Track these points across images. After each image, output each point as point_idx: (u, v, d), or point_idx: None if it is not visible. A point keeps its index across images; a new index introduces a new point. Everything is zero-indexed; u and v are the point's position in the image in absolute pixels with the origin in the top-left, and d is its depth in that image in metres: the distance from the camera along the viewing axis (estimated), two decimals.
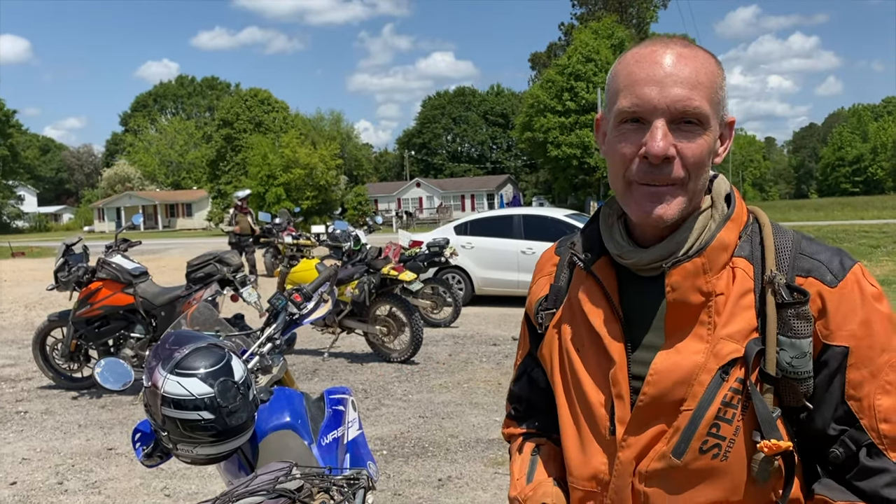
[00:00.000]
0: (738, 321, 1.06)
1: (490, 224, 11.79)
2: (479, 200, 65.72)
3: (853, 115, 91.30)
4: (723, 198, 1.13)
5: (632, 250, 1.13)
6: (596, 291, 1.16)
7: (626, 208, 1.11)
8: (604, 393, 1.14)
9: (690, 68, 1.04)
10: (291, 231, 14.62)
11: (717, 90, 1.07)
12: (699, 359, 1.06)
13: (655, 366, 1.08)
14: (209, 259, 6.25)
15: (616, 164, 1.10)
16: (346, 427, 2.41)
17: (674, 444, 1.06)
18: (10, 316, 11.61)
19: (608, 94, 1.13)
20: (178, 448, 1.88)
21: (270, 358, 2.35)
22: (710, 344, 1.06)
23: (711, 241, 1.08)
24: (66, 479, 4.54)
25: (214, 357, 1.88)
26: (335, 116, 69.06)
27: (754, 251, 1.10)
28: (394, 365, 7.44)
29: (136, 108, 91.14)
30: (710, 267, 1.07)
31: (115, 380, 2.30)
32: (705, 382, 1.04)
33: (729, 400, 1.04)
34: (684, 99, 1.03)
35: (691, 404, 1.05)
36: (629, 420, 1.10)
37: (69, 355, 6.63)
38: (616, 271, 1.17)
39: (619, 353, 1.12)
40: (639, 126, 1.06)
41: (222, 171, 60.10)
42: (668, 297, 1.08)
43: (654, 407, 1.08)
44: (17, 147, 71.60)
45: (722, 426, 1.04)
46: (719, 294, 1.07)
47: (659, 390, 1.07)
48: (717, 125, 1.07)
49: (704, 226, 1.10)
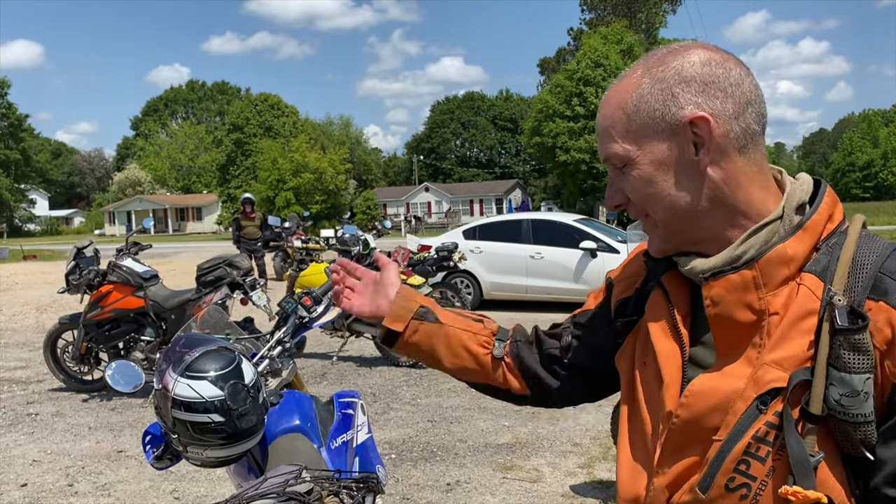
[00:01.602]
0: (791, 346, 0.92)
1: (499, 229, 11.78)
2: (488, 205, 65.70)
3: (864, 121, 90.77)
4: (794, 208, 0.98)
5: (685, 258, 1.03)
6: (661, 302, 1.08)
7: None
8: (656, 413, 1.06)
9: (602, 113, 1.04)
10: (301, 235, 14.65)
11: (630, 115, 0.99)
12: (739, 384, 0.94)
13: (692, 387, 0.98)
14: (219, 263, 6.27)
15: None
16: (356, 431, 2.41)
17: (700, 476, 0.96)
18: (22, 319, 11.68)
19: None
20: (188, 451, 1.88)
21: (280, 361, 2.36)
22: (755, 369, 0.94)
23: (768, 251, 0.94)
24: (76, 482, 4.56)
25: (225, 360, 1.89)
26: (344, 121, 69.39)
27: (831, 267, 0.94)
28: (402, 369, 7.44)
29: (147, 112, 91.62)
30: (764, 281, 0.94)
31: (126, 382, 2.31)
32: (739, 412, 0.93)
33: (763, 435, 0.91)
34: (602, 150, 1.04)
35: (723, 434, 0.94)
36: (662, 445, 1.01)
37: (80, 358, 6.66)
38: (689, 283, 1.05)
39: (671, 374, 1.02)
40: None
41: (232, 176, 60.30)
42: (707, 311, 0.97)
43: (687, 433, 0.98)
44: (29, 151, 72.04)
45: (752, 464, 0.92)
46: (774, 313, 0.94)
47: (692, 414, 0.97)
48: (649, 149, 0.98)
49: (767, 240, 0.96)
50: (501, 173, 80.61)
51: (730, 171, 0.97)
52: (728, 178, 0.97)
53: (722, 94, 0.96)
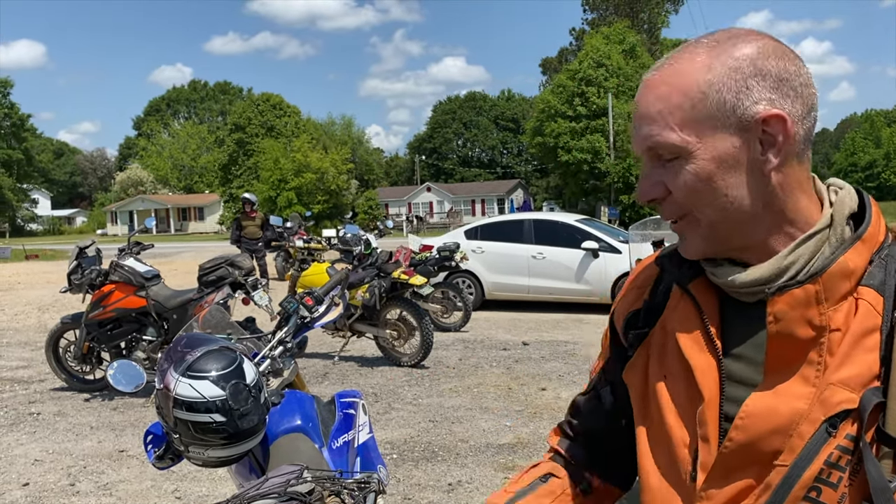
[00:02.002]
0: (856, 365, 0.87)
1: (501, 229, 11.79)
2: (490, 205, 65.75)
3: (866, 121, 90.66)
4: (845, 217, 0.93)
5: (725, 268, 0.96)
6: (691, 313, 1.00)
7: None
8: (689, 431, 0.98)
9: (653, 96, 0.93)
10: (302, 235, 14.67)
11: (696, 103, 0.90)
12: (802, 405, 0.88)
13: (747, 408, 0.91)
14: (221, 262, 6.27)
15: None
16: (357, 431, 2.41)
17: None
18: (24, 318, 11.70)
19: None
20: (190, 450, 1.88)
21: (282, 361, 2.36)
22: (817, 389, 0.88)
23: (831, 264, 0.89)
24: (77, 481, 4.56)
25: (226, 360, 1.88)
26: (346, 121, 69.48)
27: (888, 280, 0.90)
28: (404, 369, 7.44)
29: (150, 112, 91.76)
30: (826, 296, 0.89)
31: (128, 382, 2.31)
32: (806, 435, 0.87)
33: (835, 460, 0.86)
34: (649, 136, 0.93)
35: (787, 459, 0.88)
36: (710, 468, 0.94)
37: (82, 357, 6.66)
38: (717, 292, 1.00)
39: (710, 389, 0.96)
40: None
41: (234, 176, 60.36)
42: (769, 328, 0.91)
43: (742, 456, 0.92)
44: (31, 151, 72.16)
45: (824, 490, 0.86)
46: (835, 330, 0.88)
47: (749, 437, 0.91)
48: (711, 143, 0.90)
49: (816, 250, 0.91)
50: (503, 173, 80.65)
51: (789, 176, 0.92)
52: (786, 183, 0.92)
53: (794, 93, 0.90)
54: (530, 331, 9.69)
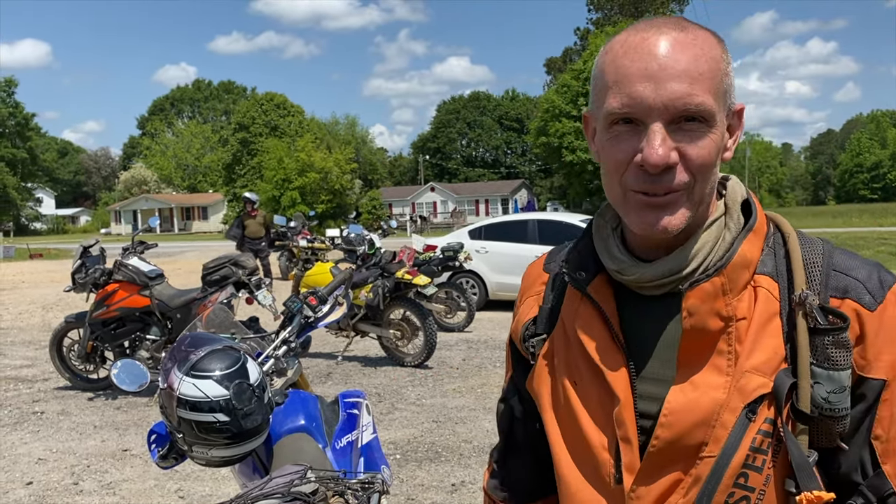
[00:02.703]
0: (765, 350, 0.90)
1: (505, 229, 11.78)
2: (494, 205, 65.72)
3: (872, 121, 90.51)
4: (738, 205, 0.97)
5: (632, 265, 0.97)
6: (593, 316, 1.01)
7: (626, 219, 0.96)
8: (606, 434, 0.98)
9: (689, 56, 0.87)
10: (306, 235, 14.67)
11: (721, 77, 0.89)
12: (720, 395, 0.90)
13: (670, 404, 0.92)
14: (225, 262, 6.28)
15: (610, 170, 0.94)
16: (361, 431, 2.41)
17: (694, 496, 0.91)
18: (28, 317, 11.72)
19: (594, 90, 0.96)
20: (194, 450, 1.88)
21: (285, 361, 2.35)
22: (731, 378, 0.91)
23: (732, 256, 0.92)
24: (81, 480, 4.57)
25: (230, 359, 1.88)
26: (350, 121, 69.52)
27: (779, 266, 0.94)
28: (407, 369, 7.44)
29: (154, 111, 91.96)
30: (730, 287, 0.92)
31: (132, 381, 2.31)
32: (729, 424, 0.89)
33: (758, 444, 0.89)
34: (684, 96, 0.86)
35: (714, 449, 0.90)
36: (639, 468, 0.94)
37: (85, 357, 6.67)
38: (614, 291, 1.01)
39: (623, 389, 0.96)
40: (633, 128, 0.90)
41: (238, 175, 60.49)
42: (684, 323, 0.92)
43: (669, 453, 0.93)
44: (35, 150, 72.41)
45: (751, 475, 0.89)
46: (741, 319, 0.92)
47: (675, 433, 0.92)
48: (723, 118, 0.91)
49: (718, 237, 0.94)
50: (507, 173, 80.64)
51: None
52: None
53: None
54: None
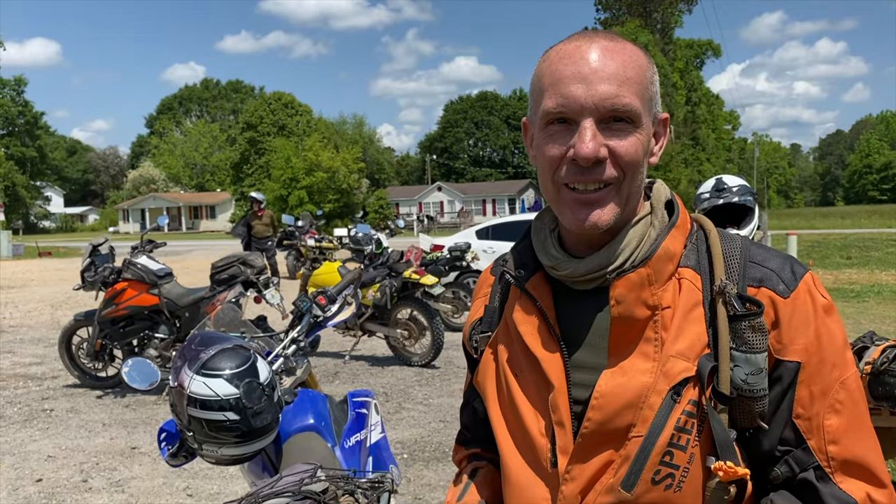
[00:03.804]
0: (688, 336, 0.97)
1: (512, 229, 11.77)
2: (501, 205, 65.66)
3: (881, 122, 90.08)
4: (663, 204, 1.06)
5: (566, 260, 1.05)
6: (531, 310, 1.08)
7: (560, 216, 1.04)
8: (544, 420, 1.04)
9: (617, 63, 0.96)
10: (314, 234, 14.69)
11: (647, 85, 0.99)
12: (647, 379, 0.97)
13: (600, 388, 0.98)
14: (233, 261, 6.29)
15: (545, 168, 1.02)
16: (369, 430, 2.41)
17: (623, 475, 0.97)
18: (37, 315, 11.78)
19: (532, 95, 1.05)
20: (204, 448, 1.89)
21: (295, 360, 2.37)
22: (658, 363, 0.97)
23: (656, 249, 1.00)
24: (90, 477, 4.59)
25: (240, 358, 1.89)
26: (358, 120, 69.64)
27: (701, 260, 1.03)
28: (414, 369, 7.45)
29: (162, 110, 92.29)
30: (655, 278, 0.99)
31: (142, 379, 2.32)
32: (656, 405, 0.95)
33: (683, 424, 0.95)
34: (612, 96, 0.95)
35: (641, 430, 0.96)
36: (573, 450, 1.00)
37: (94, 355, 6.70)
38: (551, 287, 1.08)
39: (557, 377, 1.02)
40: (566, 127, 0.98)
41: (246, 174, 60.68)
42: (612, 310, 0.99)
43: (600, 434, 0.99)
44: (44, 148, 72.85)
45: (675, 454, 0.95)
46: (666, 307, 0.99)
47: (605, 415, 0.98)
48: (649, 123, 1.00)
49: (644, 234, 1.02)
50: (514, 173, 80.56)
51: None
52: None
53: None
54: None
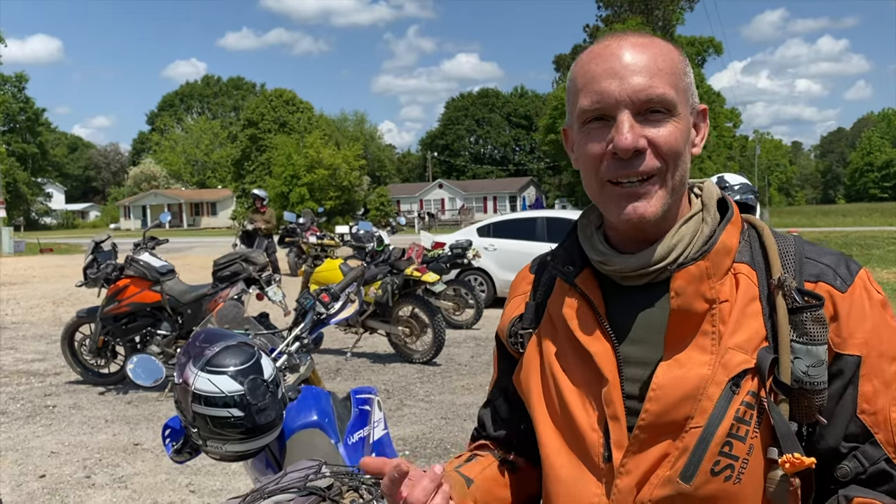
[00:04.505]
0: (746, 330, 0.98)
1: (513, 226, 11.78)
2: (502, 202, 65.66)
3: (883, 120, 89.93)
4: (715, 201, 1.07)
5: (617, 256, 1.05)
6: (582, 306, 1.07)
7: (606, 213, 1.04)
8: (595, 415, 1.04)
9: (648, 56, 0.98)
10: (315, 231, 14.70)
11: (680, 76, 1.00)
12: (705, 371, 0.97)
13: (658, 380, 0.98)
14: (235, 258, 6.31)
15: (587, 166, 1.02)
16: (372, 427, 2.42)
17: (681, 466, 0.96)
18: (39, 311, 11.80)
19: (569, 100, 1.07)
20: (208, 444, 1.90)
21: (298, 357, 2.37)
22: (715, 355, 0.97)
23: (714, 244, 1.00)
24: (93, 473, 4.61)
25: (244, 355, 1.90)
26: (359, 117, 69.61)
27: (755, 256, 1.03)
28: (416, 366, 7.46)
29: (163, 107, 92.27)
30: (713, 272, 0.99)
31: (147, 376, 2.34)
32: (714, 396, 0.95)
33: (742, 415, 0.95)
34: (646, 87, 0.96)
35: (700, 421, 0.95)
36: (628, 442, 1.00)
37: (97, 351, 6.72)
38: (599, 283, 1.08)
39: (611, 371, 1.02)
40: (604, 124, 0.99)
41: (247, 171, 60.67)
42: (672, 303, 0.98)
43: (657, 426, 0.98)
44: (46, 145, 72.81)
45: (735, 444, 0.95)
46: (724, 301, 0.99)
47: (663, 407, 0.97)
48: (686, 113, 1.01)
49: (696, 230, 1.03)
50: (515, 171, 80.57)
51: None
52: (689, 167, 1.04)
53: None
54: None
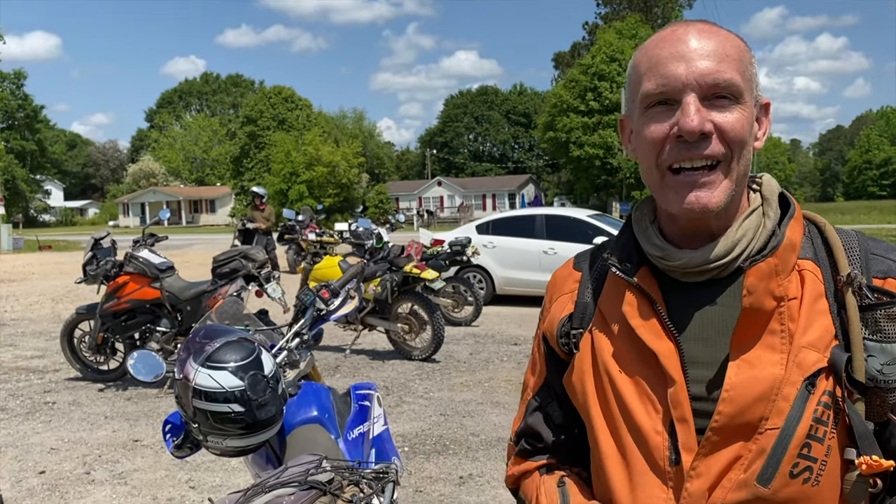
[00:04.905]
0: (817, 328, 0.95)
1: (512, 224, 11.78)
2: (501, 200, 65.64)
3: (881, 118, 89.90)
4: (776, 196, 1.04)
5: (678, 251, 1.01)
6: (643, 304, 1.03)
7: (664, 202, 1.00)
8: (658, 417, 1.00)
9: (715, 41, 0.96)
10: (314, 228, 14.70)
11: (747, 65, 0.98)
12: (778, 371, 0.94)
13: (730, 381, 0.95)
14: (235, 255, 6.31)
15: (647, 151, 0.99)
16: (372, 422, 2.43)
17: (758, 469, 0.93)
18: (38, 308, 11.80)
19: (630, 86, 1.03)
20: (209, 440, 1.91)
21: (298, 353, 2.38)
22: (787, 354, 0.94)
23: (781, 240, 0.97)
24: (93, 469, 4.61)
25: (245, 351, 1.91)
26: (358, 114, 69.47)
27: (818, 252, 1.01)
28: (415, 363, 7.47)
29: (162, 104, 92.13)
30: (782, 269, 0.96)
31: (148, 372, 2.34)
32: (790, 397, 0.92)
33: (819, 416, 0.92)
34: (714, 71, 0.94)
35: (777, 422, 0.92)
36: (701, 445, 0.96)
37: (96, 348, 6.72)
38: (658, 282, 1.04)
39: (677, 371, 0.98)
40: (667, 108, 0.96)
41: (246, 168, 60.58)
42: (744, 301, 0.95)
43: (731, 428, 0.95)
44: (44, 142, 72.70)
45: (813, 446, 0.92)
46: (792, 298, 0.96)
47: (736, 408, 0.94)
48: (751, 103, 0.98)
49: (758, 225, 1.00)
50: (514, 168, 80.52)
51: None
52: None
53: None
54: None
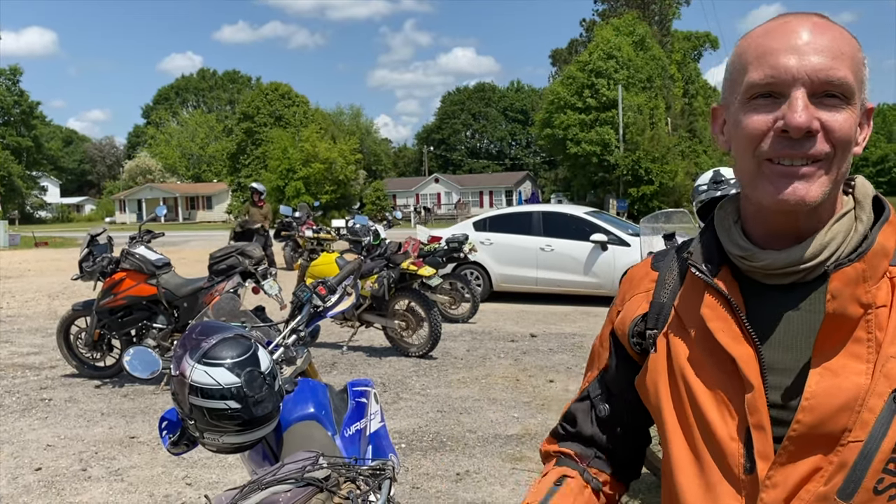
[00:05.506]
0: None
1: (509, 220, 11.79)
2: (498, 197, 65.62)
3: (878, 115, 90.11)
4: (870, 199, 0.99)
5: (762, 252, 0.97)
6: (721, 306, 0.99)
7: (756, 193, 0.95)
8: (734, 423, 0.97)
9: (830, 36, 0.91)
10: (311, 225, 14.68)
11: (860, 66, 0.93)
12: (863, 381, 0.89)
13: (811, 389, 0.91)
14: (231, 251, 6.30)
15: (744, 142, 0.94)
16: (369, 419, 2.43)
17: (839, 483, 0.89)
18: (35, 305, 11.77)
19: (731, 75, 0.98)
20: (205, 436, 1.91)
21: (295, 349, 2.38)
22: (873, 364, 0.90)
23: (872, 244, 0.93)
24: (89, 466, 4.61)
25: (241, 347, 1.90)
26: (355, 111, 69.48)
27: None
28: (412, 359, 7.47)
29: (159, 100, 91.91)
30: (870, 274, 0.92)
31: (144, 368, 2.34)
32: (876, 409, 0.88)
33: None
34: (827, 68, 0.89)
35: (860, 434, 0.88)
36: (777, 454, 0.93)
37: (92, 344, 6.71)
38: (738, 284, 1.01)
39: (756, 377, 0.95)
40: (772, 101, 0.92)
41: (242, 165, 60.56)
42: (828, 305, 0.90)
43: (810, 438, 0.91)
44: (40, 138, 72.43)
45: None
46: (880, 306, 0.91)
47: (817, 418, 0.90)
48: (859, 105, 0.93)
49: (850, 228, 0.96)
50: (511, 165, 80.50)
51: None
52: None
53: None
54: (538, 323, 9.71)
